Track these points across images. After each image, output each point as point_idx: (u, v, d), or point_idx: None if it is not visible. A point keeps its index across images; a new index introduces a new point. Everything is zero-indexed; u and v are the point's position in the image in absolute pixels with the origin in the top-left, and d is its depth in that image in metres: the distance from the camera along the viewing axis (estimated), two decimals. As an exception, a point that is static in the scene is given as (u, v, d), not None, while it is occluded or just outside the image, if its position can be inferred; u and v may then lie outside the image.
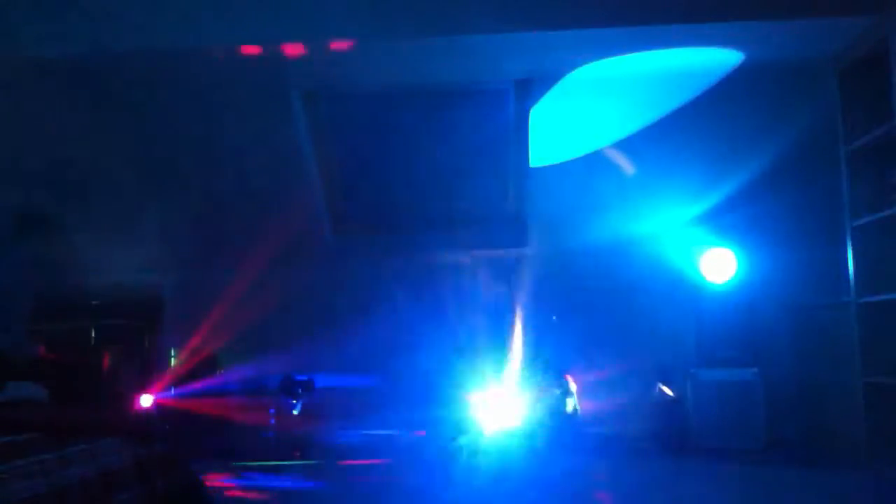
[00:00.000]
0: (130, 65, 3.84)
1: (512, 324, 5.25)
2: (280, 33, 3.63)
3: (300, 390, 4.95)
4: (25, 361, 3.83)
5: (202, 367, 5.01)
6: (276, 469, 4.47)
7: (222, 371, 5.04)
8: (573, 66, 4.03)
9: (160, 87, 4.08)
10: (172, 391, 4.90)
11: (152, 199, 4.77)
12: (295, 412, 4.93)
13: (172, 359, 5.09)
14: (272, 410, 5.02)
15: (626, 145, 4.59)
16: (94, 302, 4.98)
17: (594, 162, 4.66)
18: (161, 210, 4.83)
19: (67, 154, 4.53)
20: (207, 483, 3.64)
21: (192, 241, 4.98)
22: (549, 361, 4.93)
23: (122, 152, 4.51)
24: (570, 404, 4.90)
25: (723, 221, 4.93)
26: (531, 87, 4.30)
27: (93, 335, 4.84)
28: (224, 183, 4.77)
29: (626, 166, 4.67)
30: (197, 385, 4.92)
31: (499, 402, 5.06)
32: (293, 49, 3.79)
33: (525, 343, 5.22)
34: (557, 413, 4.90)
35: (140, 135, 4.41)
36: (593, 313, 5.05)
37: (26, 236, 4.70)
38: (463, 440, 4.96)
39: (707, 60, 3.97)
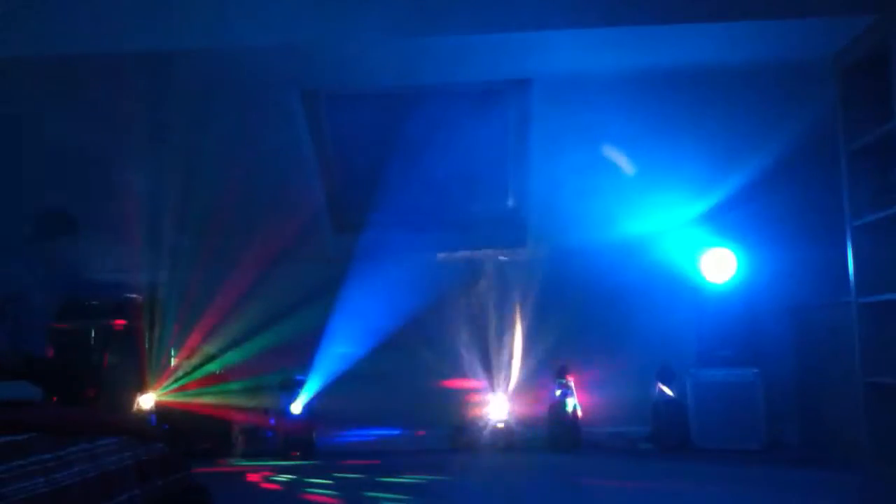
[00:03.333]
0: (130, 65, 3.84)
1: (511, 323, 5.25)
2: (280, 32, 3.63)
3: (300, 390, 4.95)
4: (24, 361, 3.83)
5: (201, 367, 5.01)
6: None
7: (222, 371, 5.04)
8: (573, 66, 4.02)
9: (160, 87, 4.08)
10: (172, 391, 4.89)
11: (152, 199, 4.76)
12: (295, 412, 4.93)
13: (172, 359, 5.08)
14: (272, 410, 5.02)
15: (626, 145, 4.59)
16: (93, 302, 4.98)
17: (594, 162, 4.65)
18: (161, 209, 4.82)
19: (66, 153, 4.53)
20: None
21: (191, 241, 4.98)
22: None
23: (122, 151, 4.51)
24: (570, 404, 4.90)
25: (723, 221, 4.93)
26: (531, 87, 4.30)
27: (93, 335, 4.83)
28: (224, 182, 4.77)
29: (627, 166, 4.67)
30: (196, 385, 4.92)
31: (501, 399, 5.07)
32: (293, 48, 3.79)
33: (526, 342, 5.22)
34: (557, 412, 4.90)
35: (139, 134, 4.40)
36: (593, 313, 5.04)
37: (29, 237, 4.70)
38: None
39: (707, 60, 3.97)
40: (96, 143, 4.44)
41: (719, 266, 4.87)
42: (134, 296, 5.10)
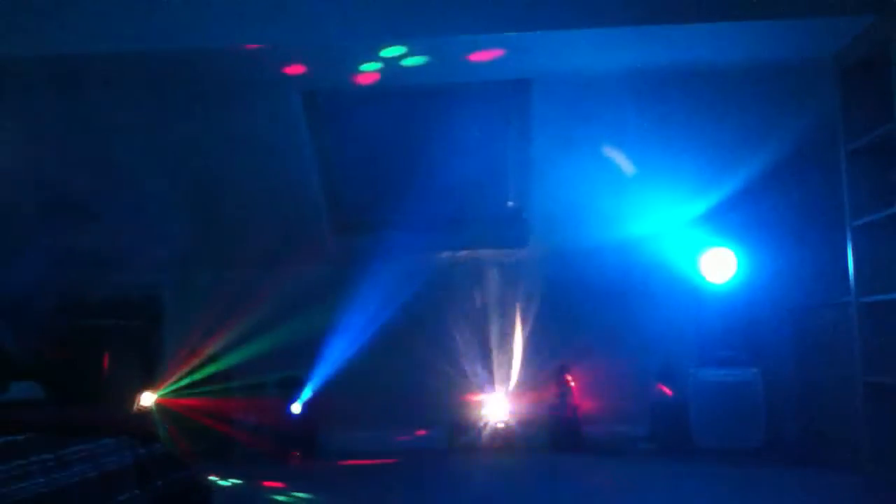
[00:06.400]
0: (130, 64, 3.85)
1: (512, 323, 5.25)
2: (280, 33, 3.63)
3: (301, 390, 4.95)
4: (26, 361, 3.83)
5: (202, 367, 5.01)
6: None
7: (222, 371, 5.04)
8: (573, 66, 4.02)
9: (159, 87, 4.08)
10: (172, 391, 4.89)
11: (152, 199, 4.77)
12: (295, 412, 4.93)
13: (173, 359, 5.08)
14: (272, 411, 5.02)
15: (626, 145, 4.59)
16: (94, 302, 4.98)
17: (595, 162, 4.65)
18: (161, 209, 4.83)
19: (65, 153, 4.53)
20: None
21: (191, 241, 4.98)
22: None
23: (122, 151, 4.51)
24: (570, 404, 4.90)
25: (723, 221, 4.93)
26: (531, 87, 4.29)
27: (93, 335, 4.83)
28: (224, 182, 4.77)
29: (627, 166, 4.67)
30: (197, 385, 4.92)
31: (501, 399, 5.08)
32: (293, 48, 3.79)
33: (526, 342, 5.22)
34: (558, 412, 4.90)
35: (139, 134, 4.41)
36: (593, 313, 5.04)
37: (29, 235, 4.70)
38: None
39: (707, 60, 3.97)
40: (96, 144, 4.45)
41: (719, 266, 4.87)
42: (135, 295, 5.10)
